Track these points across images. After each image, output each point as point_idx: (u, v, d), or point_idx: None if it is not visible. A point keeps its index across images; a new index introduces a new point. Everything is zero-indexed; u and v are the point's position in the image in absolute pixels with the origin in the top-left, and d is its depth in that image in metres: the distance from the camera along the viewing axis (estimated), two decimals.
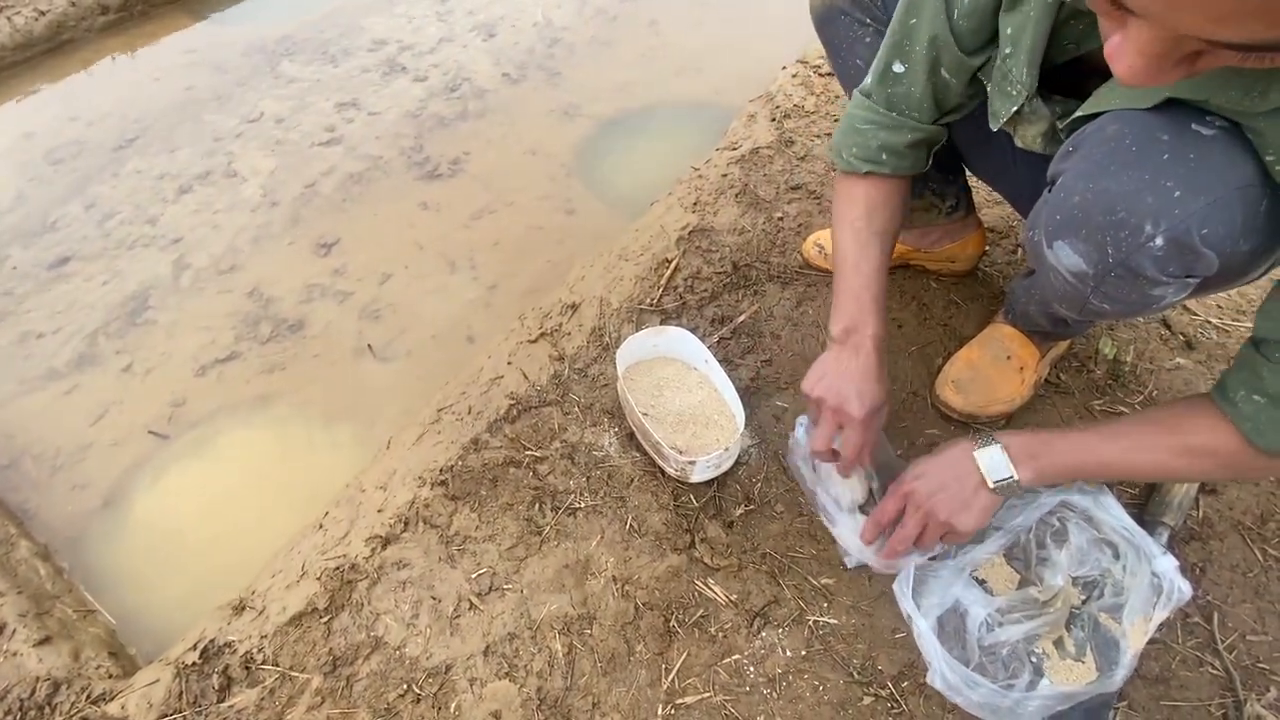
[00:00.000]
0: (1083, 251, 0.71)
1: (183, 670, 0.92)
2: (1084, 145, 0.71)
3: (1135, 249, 0.66)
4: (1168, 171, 0.63)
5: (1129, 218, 0.65)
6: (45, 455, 1.26)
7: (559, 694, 0.89)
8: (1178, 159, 0.63)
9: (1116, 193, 0.66)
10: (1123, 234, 0.66)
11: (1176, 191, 0.63)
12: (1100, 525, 0.95)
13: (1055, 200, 0.74)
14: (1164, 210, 0.63)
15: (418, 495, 1.07)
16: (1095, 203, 0.68)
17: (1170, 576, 0.86)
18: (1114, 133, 0.68)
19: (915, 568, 0.93)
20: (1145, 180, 0.64)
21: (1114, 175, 0.66)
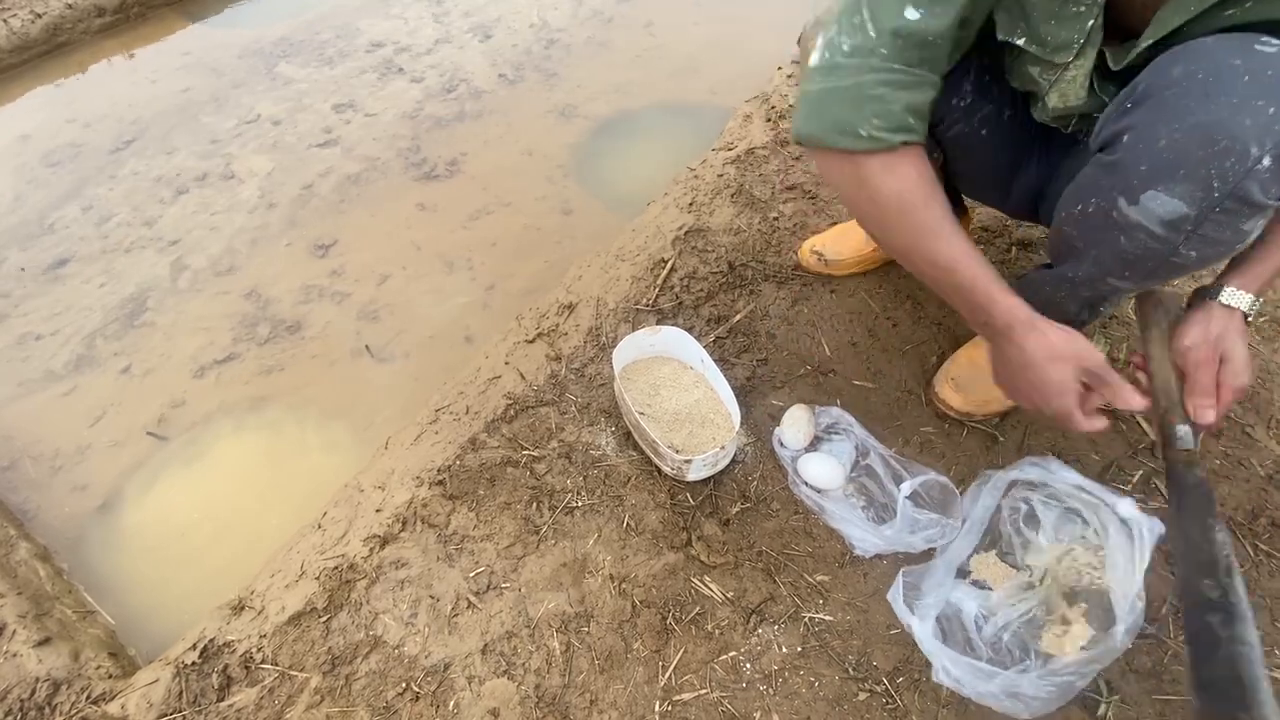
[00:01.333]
0: (1183, 193, 0.68)
1: (182, 670, 0.93)
2: (1149, 94, 0.69)
3: (1244, 175, 0.65)
4: (1255, 91, 0.63)
5: (1233, 144, 0.64)
6: (44, 457, 1.26)
7: (557, 691, 0.90)
8: (1257, 78, 0.63)
9: (1211, 123, 0.65)
10: (1229, 162, 0.65)
11: (1271, 108, 0.62)
12: (1060, 495, 0.97)
13: (1133, 153, 0.71)
14: (1266, 128, 0.63)
15: (416, 495, 1.08)
16: (1190, 139, 0.66)
17: (1135, 518, 0.88)
18: (1181, 73, 0.67)
19: (903, 574, 0.94)
20: (1235, 105, 0.63)
21: (1200, 109, 0.65)
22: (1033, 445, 1.11)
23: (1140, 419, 1.14)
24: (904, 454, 1.08)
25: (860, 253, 1.32)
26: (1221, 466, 1.08)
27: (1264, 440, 1.11)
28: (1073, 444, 1.11)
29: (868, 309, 1.30)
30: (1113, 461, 1.09)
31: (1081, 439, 1.12)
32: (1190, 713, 0.87)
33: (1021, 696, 0.83)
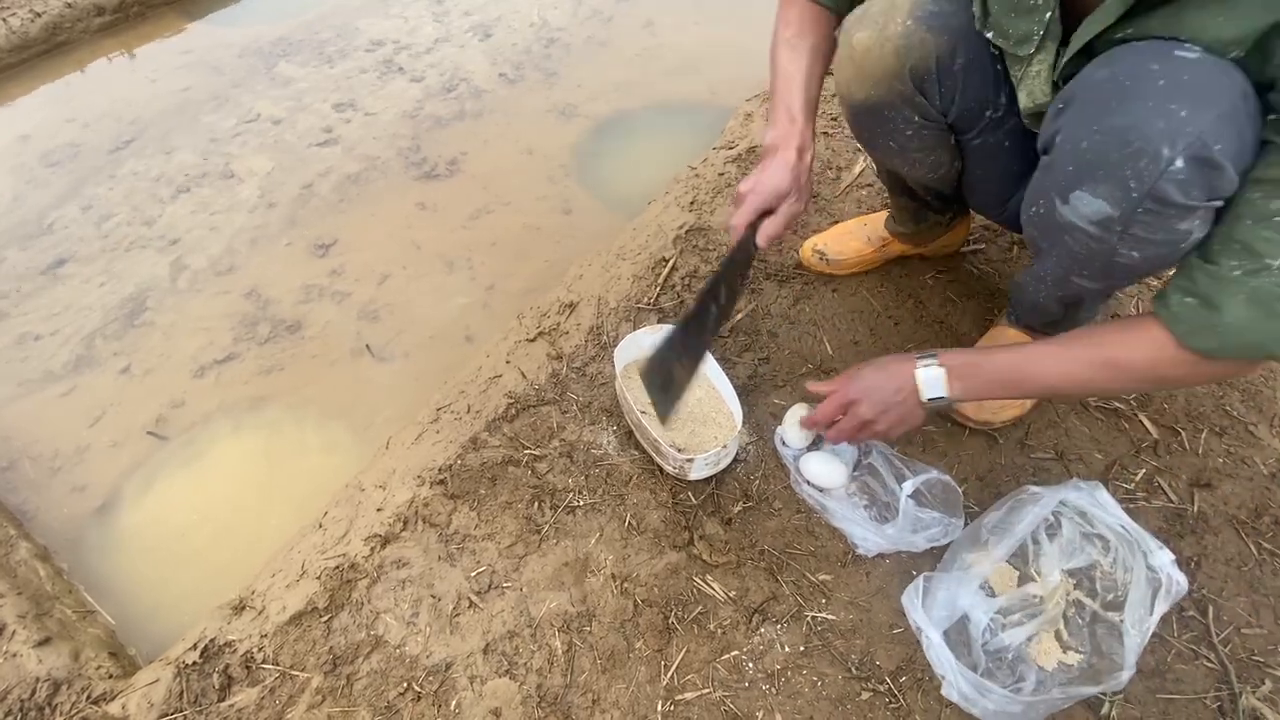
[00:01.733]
0: (1104, 193, 0.72)
1: (183, 670, 0.92)
2: (1075, 98, 0.73)
3: (1158, 175, 0.67)
4: (1169, 95, 0.65)
5: (1145, 145, 0.66)
6: (44, 457, 1.26)
7: (559, 691, 0.90)
8: (1174, 82, 0.65)
9: (1126, 125, 0.67)
10: (1142, 163, 0.67)
11: (1183, 111, 0.64)
12: (1093, 520, 0.95)
13: (1061, 154, 0.75)
14: (1177, 130, 0.65)
15: (417, 494, 1.08)
16: (1107, 141, 0.69)
17: (1167, 570, 0.87)
18: (1104, 76, 0.70)
19: (924, 578, 0.93)
20: (1150, 108, 0.66)
21: (1118, 111, 0.68)
22: (1033, 445, 1.11)
23: (1144, 420, 1.14)
24: (906, 453, 1.08)
25: (861, 253, 1.32)
26: (1224, 465, 1.08)
27: (1267, 439, 1.11)
28: (1075, 442, 1.11)
29: (870, 308, 1.29)
30: (1115, 460, 1.09)
31: (1083, 437, 1.12)
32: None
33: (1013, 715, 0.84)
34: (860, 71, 0.94)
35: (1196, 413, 1.14)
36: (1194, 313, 0.72)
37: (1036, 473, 1.08)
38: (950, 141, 1.00)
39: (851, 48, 0.93)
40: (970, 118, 0.95)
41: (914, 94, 0.93)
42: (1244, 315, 0.69)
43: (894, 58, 0.90)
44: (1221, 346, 0.72)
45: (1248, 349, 0.71)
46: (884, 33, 0.90)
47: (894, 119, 0.97)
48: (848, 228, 1.36)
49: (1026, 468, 1.08)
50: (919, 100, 0.93)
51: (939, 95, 0.92)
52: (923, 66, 0.90)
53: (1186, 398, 1.16)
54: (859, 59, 0.93)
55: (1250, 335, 0.69)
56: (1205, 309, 0.71)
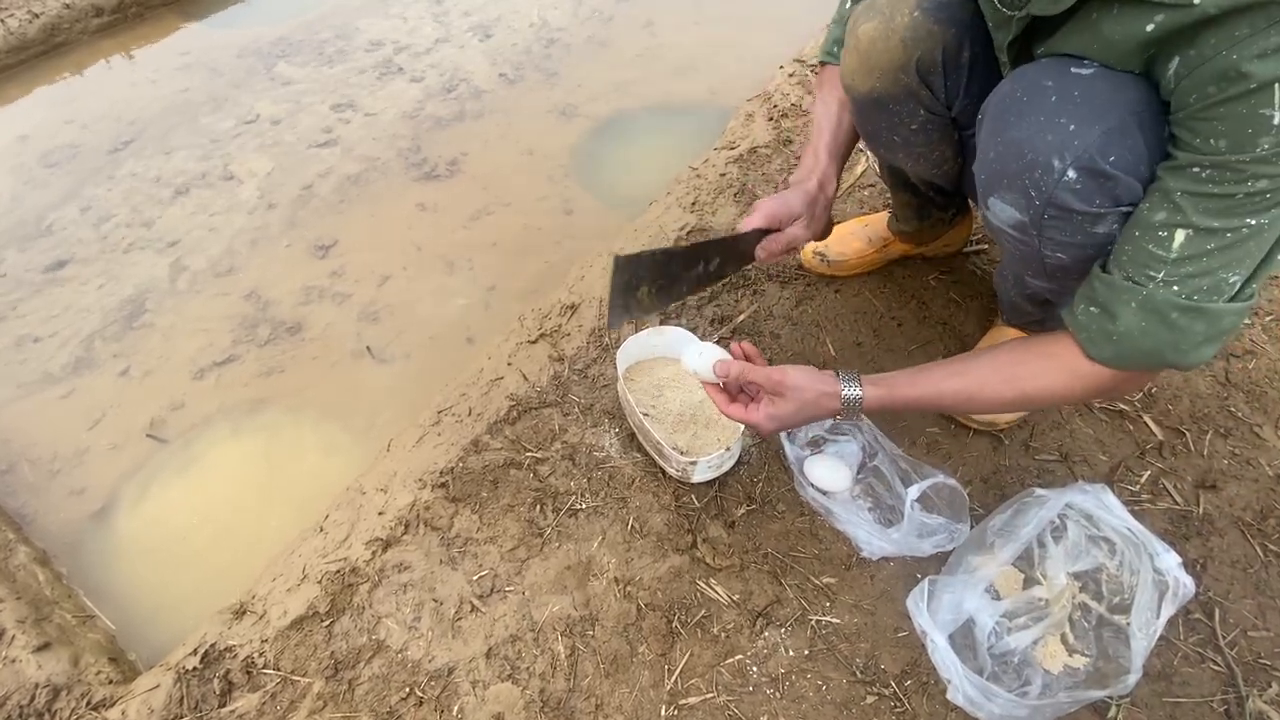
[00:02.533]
0: (1012, 201, 0.76)
1: (183, 675, 0.92)
2: (988, 109, 0.78)
3: (1054, 185, 0.70)
4: (1058, 110, 0.70)
5: (1037, 157, 0.71)
6: (43, 460, 1.25)
7: (562, 696, 0.89)
8: (1064, 98, 0.69)
9: (1020, 139, 0.72)
10: (1037, 174, 0.71)
11: (1071, 125, 0.69)
12: (1099, 523, 0.95)
13: (978, 163, 0.80)
14: (1065, 144, 0.69)
15: (418, 497, 1.07)
16: (1006, 153, 0.74)
17: (1174, 574, 0.86)
18: (1007, 90, 0.76)
19: (929, 581, 0.93)
20: (1041, 122, 0.70)
21: (1014, 125, 0.73)
22: (1038, 446, 1.10)
23: (1149, 421, 1.13)
24: (910, 454, 1.07)
25: (863, 254, 1.32)
26: (1230, 466, 1.08)
27: (1272, 440, 1.11)
28: (1079, 444, 1.11)
29: (872, 309, 1.29)
30: (1120, 462, 1.08)
31: (1087, 439, 1.11)
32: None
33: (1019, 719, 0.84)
34: (866, 62, 0.93)
35: (1201, 414, 1.14)
36: (1094, 320, 0.73)
37: (1041, 475, 1.07)
38: (954, 136, 1.00)
39: (857, 38, 0.93)
40: (973, 112, 0.94)
41: (919, 86, 0.92)
42: (1135, 323, 0.70)
43: (900, 49, 0.89)
44: (1118, 355, 0.73)
45: (1145, 357, 0.72)
46: (891, 24, 0.89)
47: (898, 112, 0.96)
48: (849, 229, 1.35)
49: (1031, 470, 1.08)
50: (924, 93, 0.93)
51: (944, 88, 0.92)
52: (929, 58, 0.89)
53: (1191, 399, 1.16)
54: (864, 49, 0.92)
55: (1144, 343, 0.70)
56: (1103, 316, 0.72)
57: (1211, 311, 0.67)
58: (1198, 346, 0.69)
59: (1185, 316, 0.67)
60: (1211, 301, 0.66)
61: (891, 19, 0.89)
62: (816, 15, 1.99)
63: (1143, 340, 0.70)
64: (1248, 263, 0.65)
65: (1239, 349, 1.22)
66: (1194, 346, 0.69)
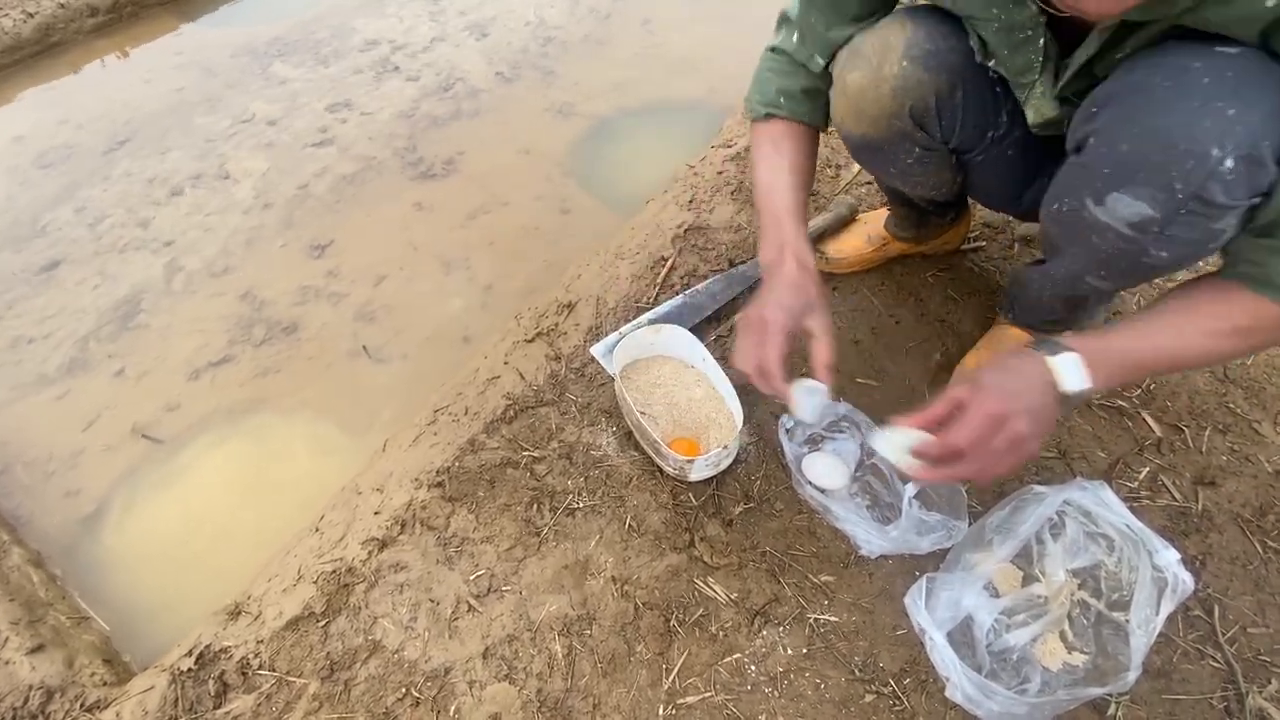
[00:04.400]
0: (1146, 195, 0.69)
1: (178, 676, 0.91)
2: (1111, 100, 0.71)
3: (1207, 176, 0.65)
4: (1215, 94, 0.63)
5: (1193, 147, 0.64)
6: (37, 461, 1.24)
7: (559, 695, 0.88)
8: (1218, 80, 0.63)
9: (1170, 126, 0.65)
10: (1189, 165, 0.65)
11: (1230, 110, 0.63)
12: (1097, 520, 0.95)
13: (1097, 156, 0.73)
14: (1226, 131, 0.63)
15: (414, 497, 1.06)
16: (1150, 143, 0.67)
17: (1173, 570, 0.86)
18: (1141, 78, 0.68)
19: (927, 579, 0.92)
20: (1195, 108, 0.64)
21: (1160, 113, 0.66)
22: None
23: (1147, 418, 1.13)
24: None
25: (861, 252, 1.31)
26: (1228, 463, 1.08)
27: (1271, 436, 1.10)
28: (1078, 441, 1.10)
29: (870, 307, 1.29)
30: (1119, 458, 1.08)
31: (1086, 435, 1.11)
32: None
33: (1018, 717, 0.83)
34: (857, 110, 0.92)
35: (1200, 410, 1.14)
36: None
37: (1039, 471, 1.07)
38: (952, 162, 0.99)
39: (845, 85, 0.91)
40: (972, 141, 0.94)
41: (914, 130, 0.91)
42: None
43: (891, 99, 0.88)
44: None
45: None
46: (879, 73, 0.87)
47: (894, 151, 0.96)
48: (847, 227, 1.35)
49: (1029, 467, 1.08)
50: (919, 134, 0.92)
51: (939, 128, 0.91)
52: (922, 105, 0.88)
53: (1189, 395, 1.15)
54: (854, 98, 0.91)
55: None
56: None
57: None
58: None
59: None
60: None
61: (879, 69, 0.87)
62: None
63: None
64: None
65: None
66: None
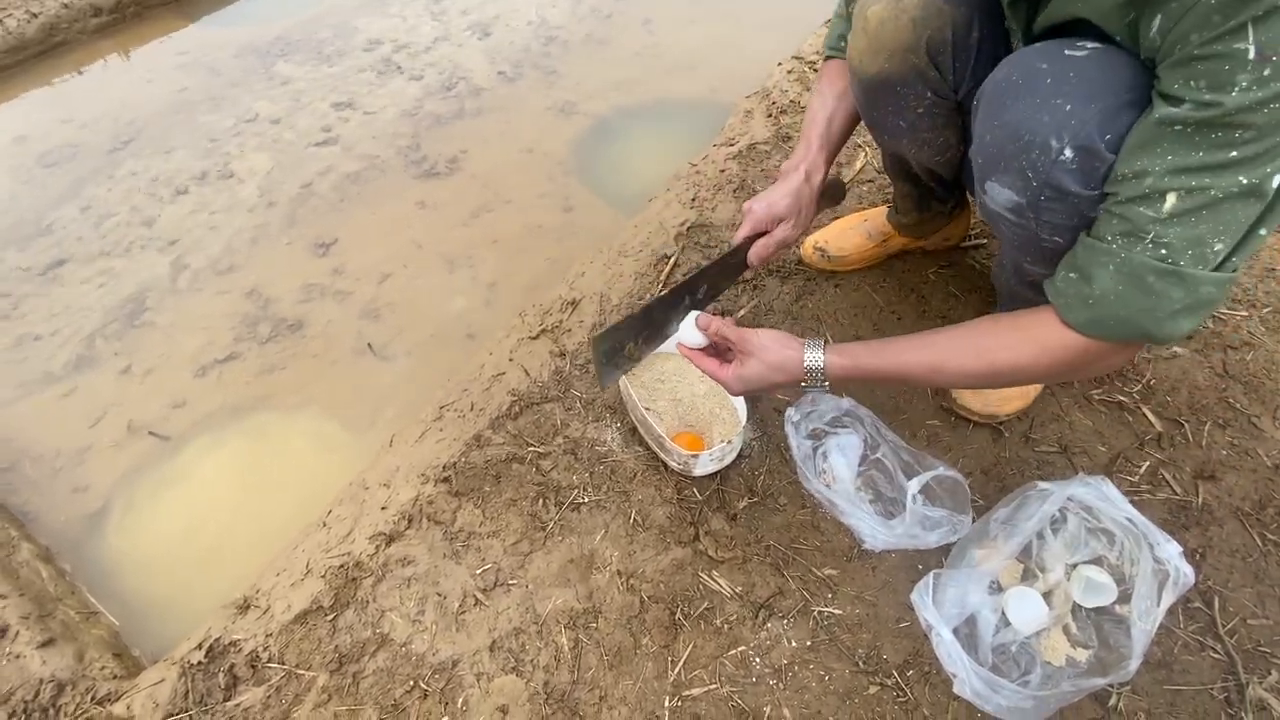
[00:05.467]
0: (1009, 183, 0.77)
1: (188, 669, 0.92)
2: (983, 95, 0.79)
3: (1051, 165, 0.71)
4: (1054, 91, 0.70)
5: (1034, 138, 0.71)
6: (45, 458, 1.25)
7: (566, 688, 0.89)
8: (1060, 79, 0.70)
9: (1016, 120, 0.73)
10: (1034, 155, 0.72)
11: (1067, 105, 0.69)
12: (1098, 515, 0.95)
13: (975, 147, 0.81)
14: (1062, 123, 0.69)
15: (421, 492, 1.07)
16: (1003, 135, 0.75)
17: (1174, 563, 0.86)
18: (1002, 75, 0.77)
19: (934, 574, 0.93)
20: (1037, 104, 0.71)
21: (1010, 108, 0.74)
22: (1037, 438, 1.11)
23: (1147, 412, 1.14)
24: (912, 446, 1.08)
25: (863, 248, 1.32)
26: (1228, 457, 1.08)
27: (1270, 431, 1.11)
28: (1079, 436, 1.11)
29: (872, 303, 1.29)
30: (1120, 453, 1.09)
31: (1087, 430, 1.12)
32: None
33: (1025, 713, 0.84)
34: (875, 43, 0.93)
35: (1200, 405, 1.14)
36: (1071, 285, 0.72)
37: (1041, 466, 1.08)
38: (959, 121, 1.00)
39: (866, 19, 0.93)
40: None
41: (928, 67, 0.92)
42: (1112, 286, 0.68)
43: (910, 29, 0.90)
44: (1093, 320, 0.71)
45: (1120, 324, 0.69)
46: (901, 3, 0.90)
47: (905, 95, 0.97)
48: (849, 223, 1.36)
49: (1031, 461, 1.09)
50: (932, 74, 0.93)
51: (952, 69, 0.92)
52: (939, 38, 0.90)
53: (1189, 390, 1.16)
54: (873, 30, 0.93)
55: (1120, 308, 0.68)
56: (1081, 281, 0.71)
57: (1190, 277, 0.65)
58: (1174, 316, 0.67)
59: (1163, 281, 0.65)
60: (1193, 268, 0.64)
61: (900, 0, 0.90)
62: (814, 12, 2.00)
63: (1118, 305, 0.68)
64: (1234, 231, 0.63)
65: (1237, 341, 1.23)
66: (1170, 315, 0.67)
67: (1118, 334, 0.71)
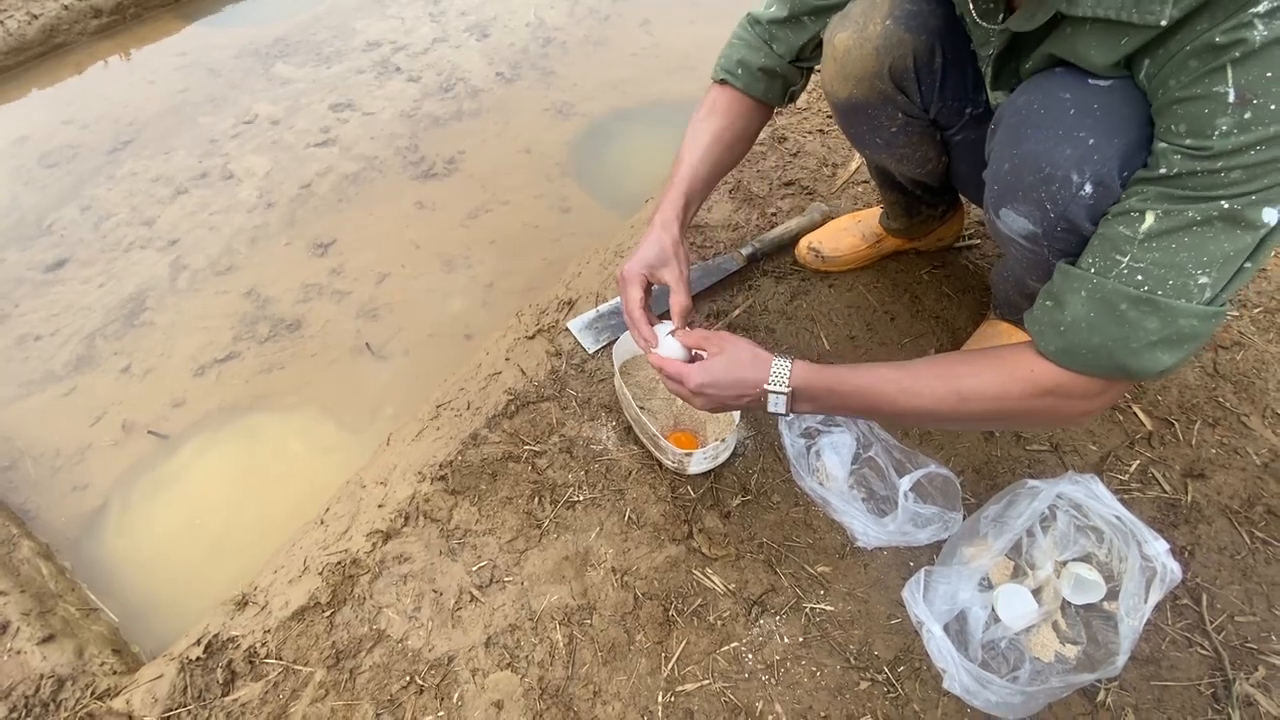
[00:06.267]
0: (1026, 213, 0.75)
1: (187, 665, 0.93)
2: (1003, 119, 0.77)
3: (1069, 200, 0.69)
4: (1077, 123, 0.68)
5: (1055, 171, 0.69)
6: (45, 456, 1.26)
7: (560, 683, 0.90)
8: (1083, 111, 0.68)
9: (1038, 151, 0.71)
10: (1054, 188, 0.70)
11: (1090, 139, 0.67)
12: (1087, 512, 0.96)
13: (991, 173, 0.79)
14: (1084, 158, 0.67)
15: (418, 490, 1.08)
16: (1023, 165, 0.72)
17: (1162, 559, 0.87)
18: (1023, 102, 0.73)
19: (925, 571, 0.94)
20: (1059, 135, 0.69)
21: (1031, 138, 0.71)
22: (1028, 437, 1.12)
23: (1138, 411, 1.15)
24: (902, 444, 1.09)
25: (856, 249, 1.33)
26: (1217, 455, 1.09)
27: (1259, 430, 1.12)
28: (1070, 435, 1.12)
29: (866, 303, 1.30)
30: (1110, 452, 1.10)
31: (1077, 429, 1.13)
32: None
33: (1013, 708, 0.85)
34: (842, 70, 0.95)
35: (1190, 404, 1.15)
36: (1046, 312, 0.70)
37: (1032, 465, 1.09)
38: (935, 137, 1.02)
39: (833, 47, 0.94)
40: (951, 115, 0.97)
41: (895, 92, 0.94)
42: (1083, 313, 0.65)
43: (874, 57, 0.91)
44: (1065, 349, 0.68)
45: (1092, 354, 0.66)
46: (864, 33, 0.91)
47: (878, 116, 0.98)
48: (842, 224, 1.37)
49: (1022, 460, 1.10)
50: (900, 98, 0.95)
51: (919, 93, 0.94)
52: (901, 65, 0.91)
53: (1179, 390, 1.17)
54: (840, 58, 0.94)
55: (1092, 337, 0.65)
56: (1055, 307, 0.69)
57: (1165, 307, 0.61)
58: (1151, 348, 0.63)
59: (1136, 309, 0.62)
60: (1172, 299, 0.61)
61: (864, 28, 0.91)
62: None
63: (1089, 333, 0.65)
64: (1219, 263, 0.60)
65: (1227, 340, 1.24)
66: (1146, 347, 0.63)
67: (1091, 366, 0.67)
